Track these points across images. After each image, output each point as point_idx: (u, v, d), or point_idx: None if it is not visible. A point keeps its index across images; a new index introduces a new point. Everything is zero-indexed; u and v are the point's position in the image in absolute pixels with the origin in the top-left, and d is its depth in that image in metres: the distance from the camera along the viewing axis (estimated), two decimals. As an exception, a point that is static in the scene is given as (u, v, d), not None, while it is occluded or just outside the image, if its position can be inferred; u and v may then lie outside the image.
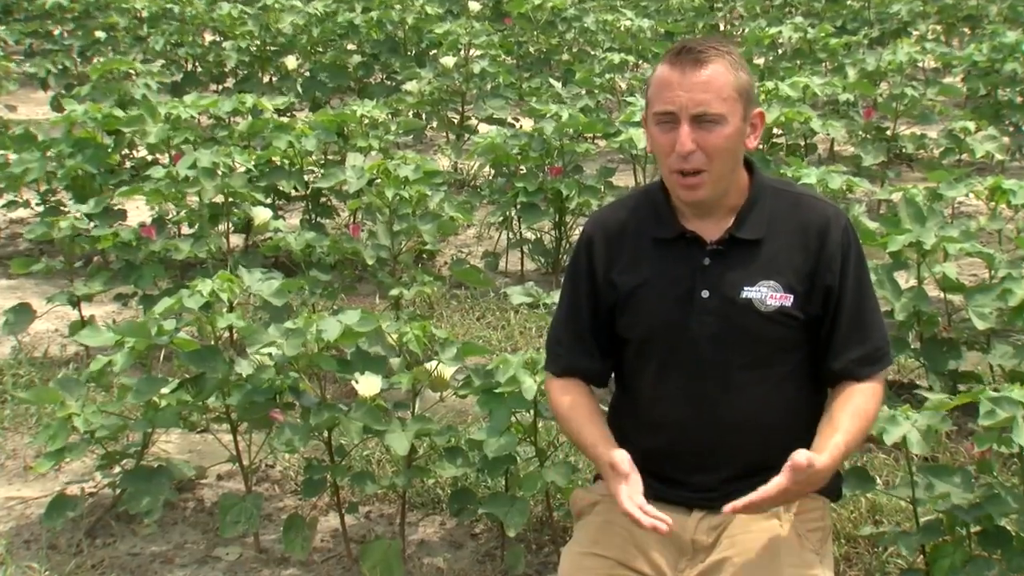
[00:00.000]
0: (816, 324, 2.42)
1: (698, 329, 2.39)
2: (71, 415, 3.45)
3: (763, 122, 2.43)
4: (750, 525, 2.38)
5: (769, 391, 2.38)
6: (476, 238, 6.64)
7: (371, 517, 3.73)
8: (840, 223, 2.42)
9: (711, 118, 2.33)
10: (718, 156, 2.34)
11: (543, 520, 3.58)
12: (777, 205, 2.44)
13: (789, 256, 2.40)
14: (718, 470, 2.38)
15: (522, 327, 5.22)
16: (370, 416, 3.25)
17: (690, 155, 2.34)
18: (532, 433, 3.29)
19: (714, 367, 2.39)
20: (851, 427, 2.36)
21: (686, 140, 2.33)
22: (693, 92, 2.32)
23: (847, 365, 2.42)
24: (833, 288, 2.40)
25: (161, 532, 3.67)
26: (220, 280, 3.48)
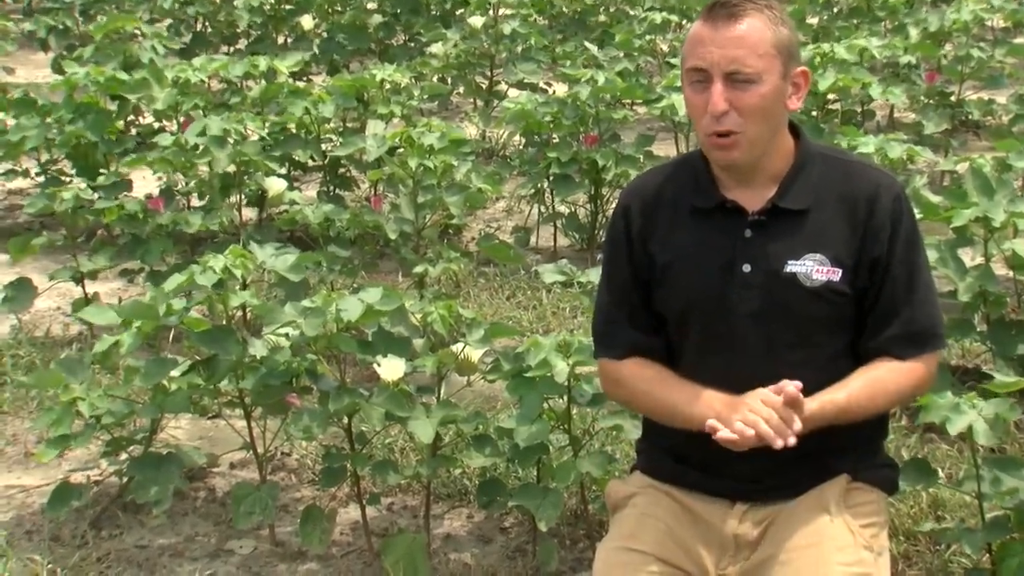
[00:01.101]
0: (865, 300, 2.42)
1: (738, 305, 2.40)
2: (75, 399, 3.49)
3: (807, 82, 2.42)
4: (798, 519, 2.40)
5: (816, 372, 2.38)
6: (506, 212, 6.65)
7: (394, 509, 3.77)
8: (892, 191, 2.41)
9: (745, 76, 2.33)
10: (753, 117, 2.34)
11: (577, 513, 3.60)
12: (825, 173, 2.44)
13: (837, 227, 2.40)
14: (761, 458, 2.38)
15: (555, 307, 5.24)
16: (393, 401, 3.28)
17: (723, 116, 2.34)
18: (566, 420, 3.32)
19: (756, 346, 2.40)
20: (859, 391, 2.36)
21: (718, 99, 2.33)
22: (726, 48, 2.32)
23: (883, 343, 2.41)
24: (880, 260, 2.39)
25: (170, 523, 3.72)
26: (233, 255, 3.52)
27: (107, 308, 3.63)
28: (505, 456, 3.36)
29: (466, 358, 3.36)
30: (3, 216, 6.68)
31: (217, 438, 4.20)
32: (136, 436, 3.72)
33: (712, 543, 2.45)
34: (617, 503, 2.61)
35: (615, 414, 3.26)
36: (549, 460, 3.37)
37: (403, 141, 4.84)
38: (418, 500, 3.78)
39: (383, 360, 3.32)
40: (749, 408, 2.28)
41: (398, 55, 8.35)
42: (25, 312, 5.21)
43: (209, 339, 3.39)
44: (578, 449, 3.33)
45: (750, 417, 2.27)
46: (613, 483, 2.67)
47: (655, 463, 2.57)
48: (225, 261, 3.49)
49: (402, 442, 4.02)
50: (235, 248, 3.57)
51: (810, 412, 2.29)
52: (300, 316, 3.27)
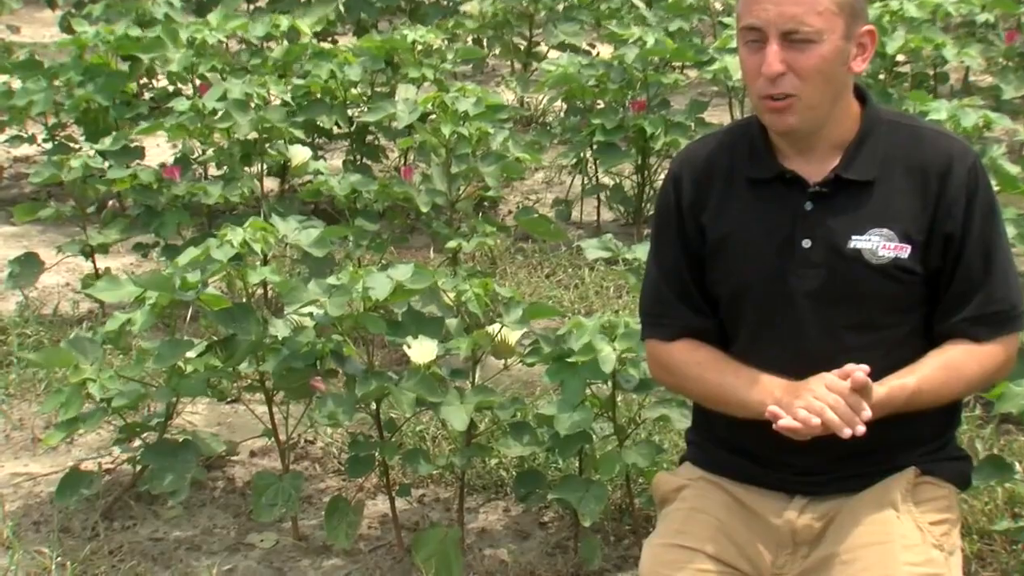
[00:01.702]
0: (936, 280, 2.41)
1: (798, 285, 2.39)
2: (85, 380, 3.52)
3: (874, 42, 2.40)
4: (862, 514, 2.39)
5: (880, 357, 2.37)
6: (545, 183, 6.65)
7: (425, 501, 3.80)
8: (966, 161, 2.40)
9: (804, 35, 2.31)
10: (812, 80, 2.33)
11: (622, 508, 3.61)
12: (893, 141, 2.42)
13: (906, 200, 2.39)
14: (823, 449, 2.36)
15: (598, 286, 5.24)
16: (424, 386, 3.29)
17: (778, 78, 2.33)
18: (610, 408, 3.32)
19: (816, 329, 2.39)
20: (930, 375, 2.35)
21: (773, 60, 2.32)
22: (783, 5, 2.31)
23: (958, 325, 2.40)
24: (954, 236, 2.38)
25: (187, 515, 3.76)
26: (253, 228, 3.54)
27: (119, 283, 3.66)
28: (545, 445, 3.36)
29: (503, 340, 3.37)
30: (8, 185, 6.73)
31: (236, 424, 4.24)
32: (150, 421, 3.76)
33: (768, 539, 2.45)
34: (665, 497, 2.61)
35: (663, 402, 3.26)
36: (592, 450, 3.38)
37: (435, 107, 4.85)
38: (451, 492, 3.80)
39: (414, 342, 3.33)
40: (813, 394, 2.28)
41: (430, 14, 8.34)
42: (32, 288, 5.26)
43: (227, 318, 3.41)
44: (623, 439, 3.33)
45: (815, 404, 2.26)
46: (661, 475, 2.67)
47: (707, 453, 2.57)
48: (244, 234, 3.51)
49: (434, 430, 4.03)
50: (255, 220, 3.59)
51: (877, 399, 2.28)
52: (325, 294, 3.29)
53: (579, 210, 6.12)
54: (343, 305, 3.25)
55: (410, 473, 3.78)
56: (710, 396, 2.50)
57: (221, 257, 3.43)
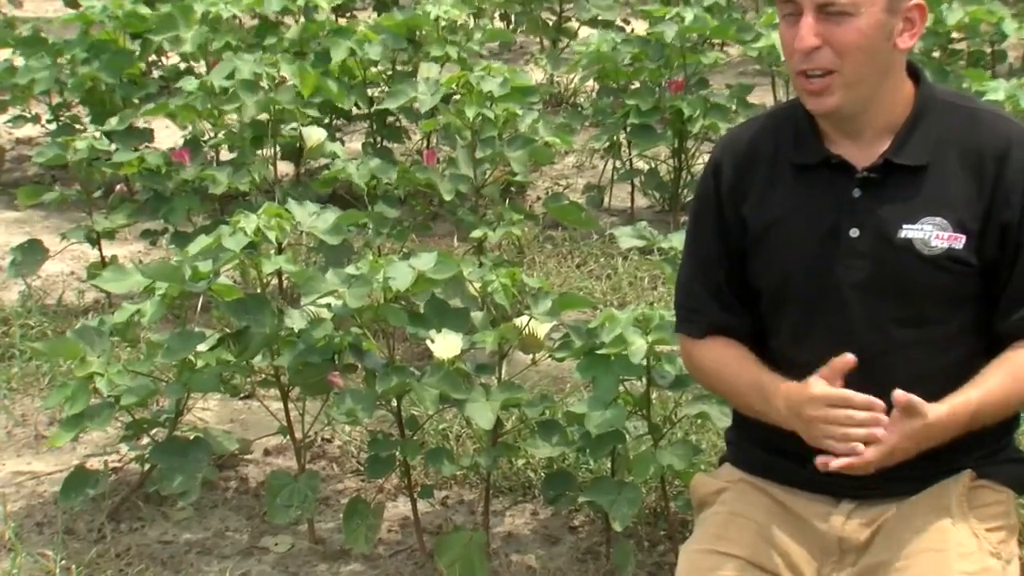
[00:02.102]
0: (993, 272, 2.39)
1: (845, 276, 2.39)
2: (92, 375, 3.54)
3: (924, 16, 2.39)
4: (914, 520, 2.39)
5: (931, 354, 2.37)
6: (576, 168, 6.65)
7: (448, 504, 3.81)
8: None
9: (839, 7, 2.30)
10: (851, 55, 2.32)
11: (657, 511, 3.61)
12: (948, 123, 2.41)
13: (961, 187, 2.37)
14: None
15: (632, 276, 5.24)
16: (448, 382, 3.30)
17: (813, 53, 2.32)
18: (644, 405, 3.32)
19: (863, 323, 2.39)
20: (996, 387, 2.34)
21: (807, 34, 2.31)
22: None
23: (1019, 324, 2.39)
24: (1011, 225, 2.36)
25: (198, 517, 3.77)
26: (267, 215, 3.55)
27: (126, 272, 3.68)
28: (575, 445, 3.37)
29: (531, 333, 3.37)
30: (10, 168, 6.77)
31: (250, 421, 4.26)
32: (159, 418, 3.77)
33: (813, 546, 2.44)
34: (703, 500, 2.61)
35: (701, 399, 3.26)
36: (625, 450, 3.38)
37: (460, 87, 4.85)
38: (476, 494, 3.81)
39: (437, 335, 3.34)
40: (826, 421, 2.29)
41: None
42: (35, 277, 5.29)
43: (241, 309, 3.42)
44: (659, 438, 3.33)
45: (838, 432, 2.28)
46: (699, 477, 2.67)
47: (747, 454, 2.57)
48: (258, 221, 3.52)
49: (458, 428, 4.04)
50: (270, 207, 3.60)
51: (937, 417, 2.27)
52: (343, 284, 3.30)
53: (612, 197, 6.11)
54: (362, 296, 3.25)
55: (433, 474, 3.79)
56: (729, 398, 2.57)
57: (234, 246, 3.44)
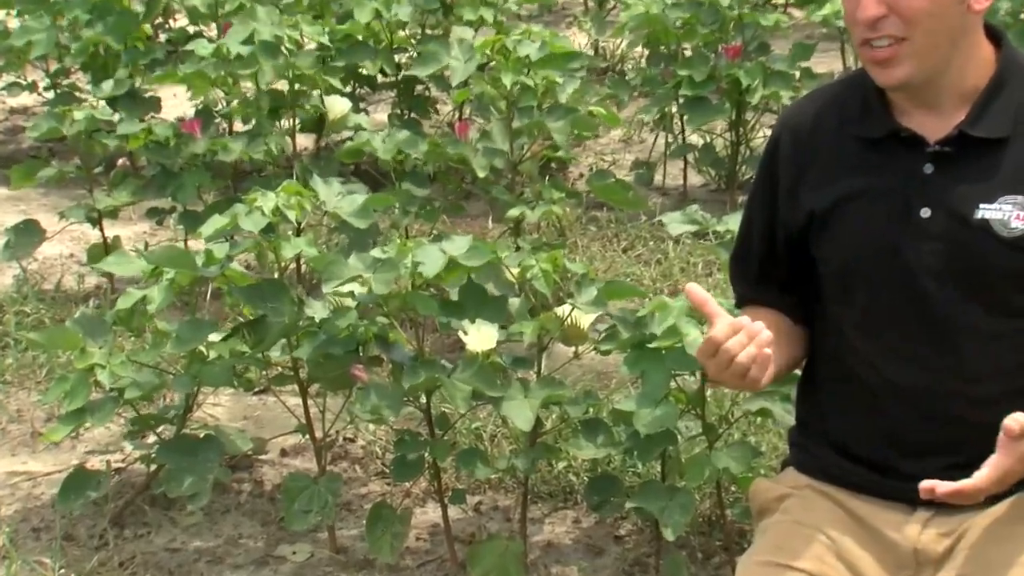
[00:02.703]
0: None
1: (916, 260, 2.39)
2: (93, 366, 3.56)
3: None
4: (999, 531, 2.38)
5: (1013, 348, 2.37)
6: (623, 142, 6.64)
7: (482, 510, 3.82)
8: None
9: None
10: (919, 22, 2.31)
11: (712, 520, 3.62)
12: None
13: (1046, 162, 2.37)
14: (948, 453, 2.37)
15: (684, 262, 5.24)
16: (482, 377, 3.31)
17: (877, 21, 2.32)
18: (699, 403, 3.32)
19: (936, 314, 2.38)
20: None
21: (869, 2, 2.31)
22: None
23: None
24: None
25: (208, 522, 3.80)
26: (286, 193, 3.54)
27: (131, 256, 3.70)
28: (622, 447, 3.37)
29: (574, 324, 3.37)
30: (4, 141, 6.82)
31: (265, 418, 4.28)
32: (167, 414, 3.79)
33: (885, 559, 2.44)
34: (763, 507, 2.61)
35: (762, 395, 3.26)
36: (677, 452, 3.38)
37: (495, 53, 4.84)
38: (512, 499, 3.82)
39: (470, 326, 3.34)
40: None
41: (490, -56, 8.33)
42: (31, 260, 5.32)
43: (256, 296, 3.43)
44: (714, 439, 3.33)
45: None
46: (759, 482, 2.67)
47: (813, 457, 2.57)
48: (276, 200, 3.52)
49: (493, 428, 4.06)
50: (289, 184, 3.59)
51: None
52: (368, 269, 3.30)
53: (662, 174, 6.10)
54: (389, 282, 3.25)
55: (465, 477, 3.80)
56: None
57: (252, 227, 3.42)
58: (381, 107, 6.62)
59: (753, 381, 2.35)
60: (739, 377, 2.33)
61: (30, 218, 5.20)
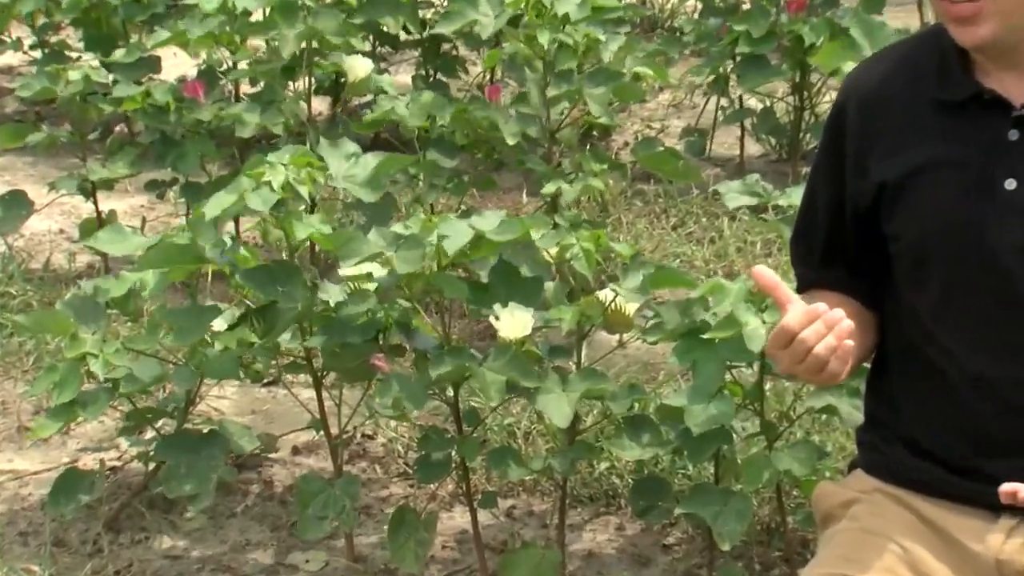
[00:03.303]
0: None
1: (998, 237, 2.37)
2: (85, 355, 3.56)
3: None
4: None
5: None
6: (673, 107, 6.63)
7: (515, 515, 3.83)
8: None
9: None
10: None
11: (771, 527, 3.62)
12: None
13: None
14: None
15: (741, 241, 5.23)
16: (516, 367, 3.30)
17: None
18: (757, 398, 3.32)
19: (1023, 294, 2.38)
20: None
21: None
22: None
23: None
24: None
25: (212, 527, 3.81)
26: (297, 164, 3.53)
27: (127, 232, 3.70)
28: (670, 446, 3.37)
29: (618, 309, 3.37)
30: (-11, 104, 6.85)
31: (275, 413, 4.29)
32: (166, 407, 3.80)
33: (964, 571, 2.43)
34: (829, 514, 2.61)
35: (828, 389, 3.25)
36: (732, 453, 3.38)
37: (529, 8, 4.84)
38: (549, 504, 3.83)
39: (503, 311, 3.34)
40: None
41: None
42: (17, 236, 5.34)
43: (265, 280, 3.42)
44: (774, 438, 3.33)
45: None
46: (824, 486, 2.67)
47: (885, 458, 2.56)
48: (287, 173, 3.50)
49: (528, 424, 4.06)
50: (299, 154, 3.57)
51: None
52: (389, 247, 3.30)
53: (716, 142, 6.09)
54: (413, 261, 3.24)
55: (496, 479, 3.81)
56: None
57: (260, 205, 3.40)
58: (403, 68, 6.62)
59: (833, 375, 2.34)
60: (816, 371, 2.32)
61: (16, 189, 5.21)
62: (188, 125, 4.96)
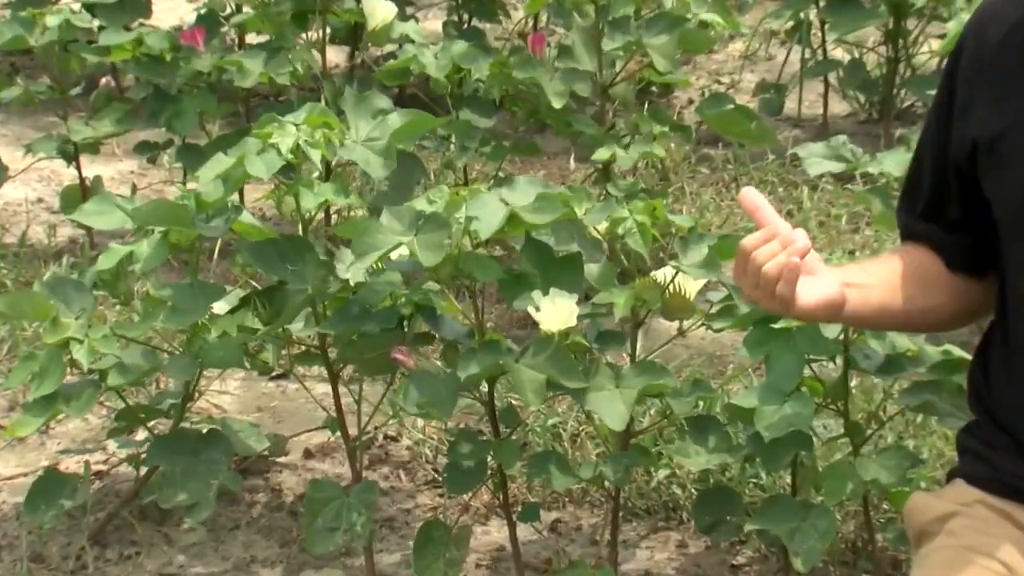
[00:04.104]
0: None
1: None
2: (68, 341, 3.57)
3: None
4: None
5: None
6: (745, 58, 6.62)
7: (561, 530, 3.83)
8: None
9: None
10: None
11: (857, 546, 3.62)
12: None
13: None
14: None
15: (823, 214, 5.22)
16: (559, 362, 3.29)
17: None
18: (840, 397, 3.31)
19: None
20: None
21: None
22: None
23: None
24: None
25: (213, 541, 3.83)
26: (310, 123, 3.53)
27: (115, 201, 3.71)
28: (740, 452, 3.37)
29: (678, 292, 3.36)
30: (-46, 54, 6.87)
31: (285, 411, 4.31)
32: (161, 404, 3.81)
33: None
34: (924, 530, 2.60)
35: (923, 386, 3.24)
36: (812, 460, 3.38)
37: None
38: (599, 517, 3.84)
39: (543, 297, 3.34)
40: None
41: None
42: (-11, 206, 5.38)
43: (273, 256, 3.42)
44: (860, 443, 3.33)
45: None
46: (918, 498, 2.67)
47: (990, 466, 2.56)
48: (298, 133, 3.50)
49: (575, 425, 4.07)
50: (314, 113, 3.57)
51: None
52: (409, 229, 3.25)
53: (796, 100, 6.07)
54: (439, 247, 3.22)
55: (539, 488, 3.81)
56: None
57: (263, 171, 3.38)
58: (433, 13, 6.62)
59: (783, 301, 2.40)
60: (769, 295, 2.40)
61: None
62: (185, 78, 4.96)
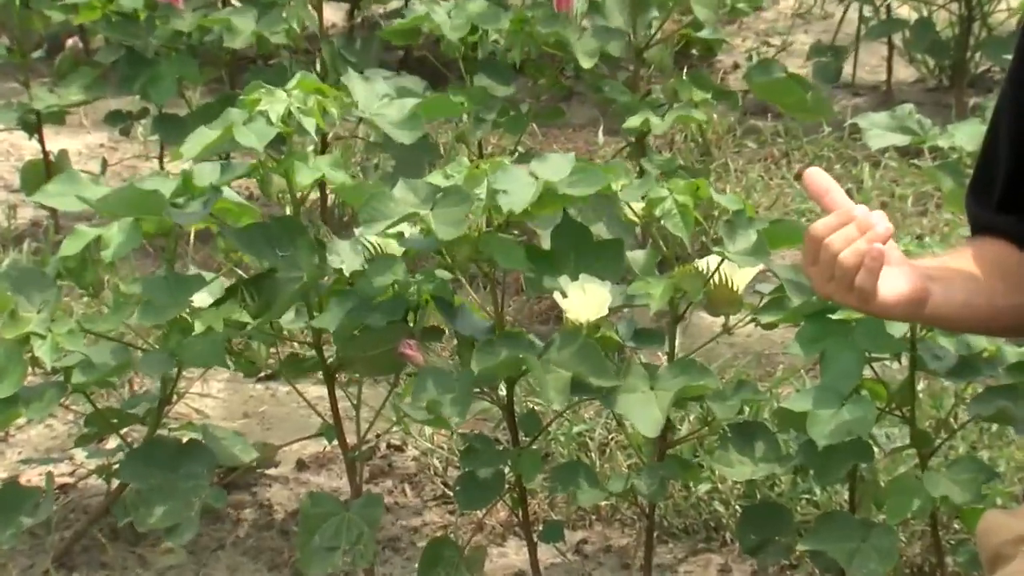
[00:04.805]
0: None
1: None
2: (28, 336, 3.58)
3: None
4: None
5: None
6: (798, 16, 6.61)
7: (587, 551, 3.84)
8: None
9: None
10: None
11: (924, 569, 3.62)
12: None
13: None
14: None
15: (887, 194, 5.22)
16: (588, 358, 3.30)
17: None
18: (906, 401, 3.31)
19: None
20: None
21: None
22: None
23: None
24: None
25: (194, 563, 3.83)
26: (303, 90, 3.54)
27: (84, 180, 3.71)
28: (791, 463, 3.37)
29: (723, 283, 3.37)
30: (-98, 14, 6.90)
31: (275, 416, 4.32)
32: (135, 407, 3.82)
33: None
34: (998, 552, 2.60)
35: (1000, 391, 3.24)
36: (873, 473, 3.39)
37: None
38: (631, 537, 3.84)
39: (572, 284, 3.34)
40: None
41: None
42: (-59, 185, 5.39)
43: (261, 241, 3.43)
44: (928, 454, 3.33)
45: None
46: (993, 516, 2.66)
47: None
48: (289, 100, 3.50)
49: (604, 432, 4.07)
50: (306, 79, 3.57)
51: None
52: (425, 203, 3.29)
53: (855, 65, 6.07)
54: (459, 221, 3.23)
55: (563, 504, 3.81)
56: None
57: (253, 142, 3.40)
58: (445, -35, 6.63)
59: (864, 295, 2.35)
60: (847, 288, 2.34)
61: (-59, 124, 5.26)
62: (163, 39, 4.97)
